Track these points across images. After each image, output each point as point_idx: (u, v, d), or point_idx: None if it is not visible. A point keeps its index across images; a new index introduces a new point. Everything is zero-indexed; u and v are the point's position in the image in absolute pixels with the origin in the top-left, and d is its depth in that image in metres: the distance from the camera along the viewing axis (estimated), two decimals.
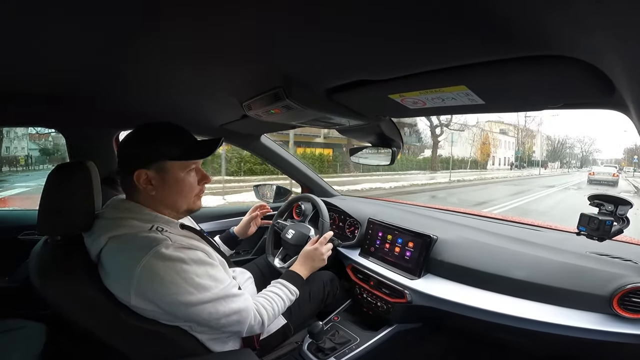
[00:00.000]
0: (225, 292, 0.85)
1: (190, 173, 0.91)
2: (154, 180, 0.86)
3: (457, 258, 1.19)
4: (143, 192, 0.87)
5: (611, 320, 0.89)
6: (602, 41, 0.42)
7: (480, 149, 34.90)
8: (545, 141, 52.27)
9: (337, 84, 0.81)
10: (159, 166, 0.86)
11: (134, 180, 0.85)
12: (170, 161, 0.87)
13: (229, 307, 0.85)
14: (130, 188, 0.89)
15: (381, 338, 1.25)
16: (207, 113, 1.36)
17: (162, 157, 0.86)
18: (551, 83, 0.60)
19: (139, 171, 0.85)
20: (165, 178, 0.87)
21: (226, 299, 0.85)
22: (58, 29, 0.58)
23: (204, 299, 0.81)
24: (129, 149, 0.88)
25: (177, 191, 0.90)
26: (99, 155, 1.30)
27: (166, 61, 0.76)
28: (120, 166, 0.89)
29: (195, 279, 0.80)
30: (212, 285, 0.83)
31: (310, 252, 1.24)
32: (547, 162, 50.62)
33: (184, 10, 0.50)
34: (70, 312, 0.80)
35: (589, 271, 0.97)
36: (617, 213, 0.89)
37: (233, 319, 0.86)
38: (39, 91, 1.05)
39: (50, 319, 1.12)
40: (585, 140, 63.72)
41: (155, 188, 0.87)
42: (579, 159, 62.33)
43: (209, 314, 0.82)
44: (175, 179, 0.89)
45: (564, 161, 56.39)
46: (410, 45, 0.56)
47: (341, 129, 1.26)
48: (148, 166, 0.85)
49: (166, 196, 0.89)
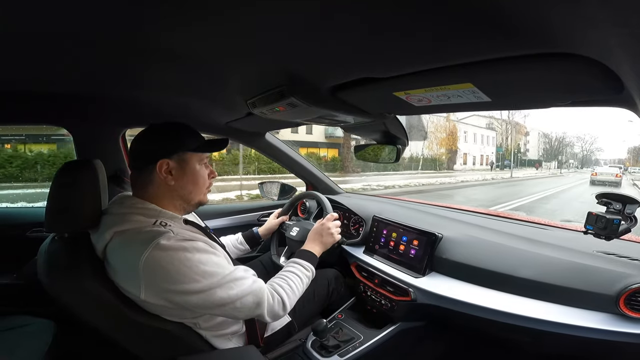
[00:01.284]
0: (233, 276, 0.85)
1: (203, 167, 0.96)
2: (174, 170, 0.90)
3: (462, 256, 1.18)
4: (161, 183, 0.89)
5: (617, 320, 0.88)
6: (610, 38, 0.41)
7: (441, 143, 27.26)
8: (542, 138, 49.24)
9: (342, 82, 0.81)
10: (180, 157, 0.91)
11: (156, 170, 0.88)
12: (190, 152, 0.92)
13: (240, 289, 0.85)
14: (144, 182, 0.90)
15: (385, 336, 1.25)
16: (212, 111, 1.37)
17: (183, 147, 0.91)
18: (559, 81, 0.59)
19: (162, 161, 0.88)
20: (184, 168, 0.92)
21: (235, 282, 0.85)
22: (67, 29, 0.59)
23: (213, 284, 0.81)
24: (148, 143, 0.91)
25: (193, 182, 0.94)
26: (105, 153, 1.31)
27: (171, 60, 0.76)
28: (137, 160, 0.91)
29: (201, 266, 0.80)
30: (218, 271, 0.83)
31: (318, 228, 1.26)
32: (541, 161, 46.39)
33: (188, 10, 0.50)
34: (77, 309, 0.81)
35: (596, 270, 0.96)
36: (625, 212, 0.87)
37: (249, 300, 0.87)
38: (48, 90, 1.06)
39: (58, 316, 1.14)
40: (586, 139, 60.50)
41: (174, 178, 0.90)
42: (579, 158, 59.38)
43: (220, 298, 0.82)
44: (193, 170, 0.93)
45: (562, 161, 52.10)
46: (416, 43, 0.55)
47: (346, 126, 1.25)
48: (170, 156, 0.89)
49: (183, 186, 0.92)
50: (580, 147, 58.88)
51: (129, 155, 0.94)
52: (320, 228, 1.26)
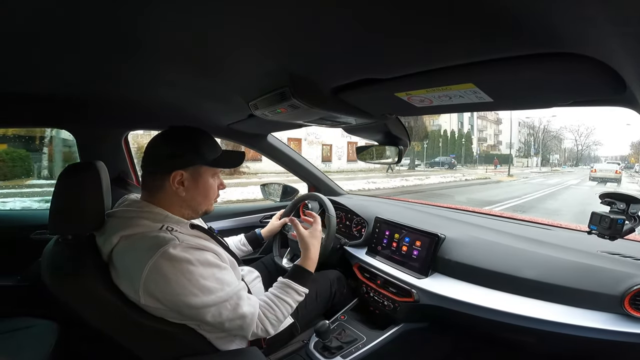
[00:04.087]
0: (230, 296, 0.84)
1: (215, 178, 0.96)
2: (187, 181, 0.89)
3: (465, 257, 1.18)
4: (172, 192, 0.88)
5: (622, 320, 0.87)
6: (612, 38, 0.41)
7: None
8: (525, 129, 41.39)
9: (344, 83, 0.81)
10: (195, 169, 0.90)
11: (169, 180, 0.87)
12: (205, 166, 0.91)
13: (233, 311, 0.85)
14: (155, 187, 0.90)
15: (388, 337, 1.24)
16: (214, 113, 1.37)
17: (200, 161, 0.90)
18: (561, 81, 0.59)
19: (176, 172, 0.87)
20: (198, 181, 0.91)
21: (231, 303, 0.84)
22: (67, 29, 0.59)
23: (208, 302, 0.81)
24: (165, 150, 0.89)
25: (204, 194, 0.93)
26: (108, 156, 1.31)
27: (174, 62, 0.77)
28: (151, 166, 0.90)
29: (201, 280, 0.80)
30: (217, 287, 0.82)
31: (304, 239, 1.14)
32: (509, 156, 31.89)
33: (190, 11, 0.50)
34: (81, 311, 0.81)
35: (600, 270, 0.95)
36: (629, 212, 0.87)
37: (236, 324, 0.86)
38: (49, 92, 1.07)
39: (61, 318, 1.14)
40: (581, 130, 50.05)
41: (186, 189, 0.89)
42: (572, 153, 50.95)
43: (212, 316, 0.82)
44: (205, 183, 0.93)
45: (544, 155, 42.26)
46: (417, 43, 0.55)
47: (348, 127, 1.25)
48: (186, 168, 0.88)
49: (193, 198, 0.91)
50: (573, 141, 50.79)
51: (143, 156, 0.92)
52: (311, 237, 1.15)
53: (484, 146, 39.34)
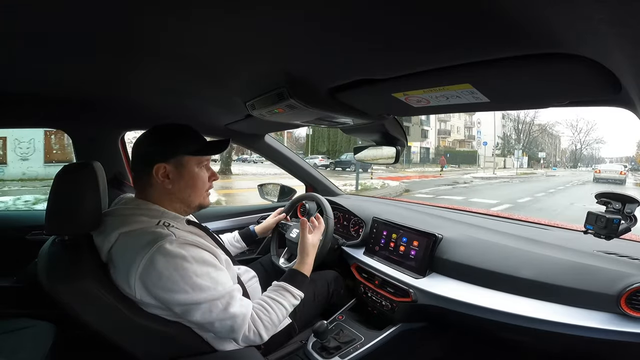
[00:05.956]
0: (222, 295, 0.84)
1: (203, 169, 0.96)
2: (171, 174, 0.90)
3: (463, 257, 1.18)
4: (159, 186, 0.90)
5: (619, 319, 0.88)
6: (607, 38, 0.41)
7: None
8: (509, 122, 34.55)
9: (341, 83, 0.81)
10: (177, 160, 0.90)
11: (153, 174, 0.88)
12: (187, 156, 0.91)
13: (224, 311, 0.84)
14: (144, 184, 0.91)
15: (386, 337, 1.25)
16: (211, 113, 1.37)
17: (180, 151, 0.90)
18: (558, 81, 0.59)
19: (158, 165, 0.88)
20: (182, 172, 0.91)
21: (222, 302, 0.84)
22: (64, 30, 0.59)
23: (198, 300, 0.81)
24: (146, 147, 0.91)
25: (192, 185, 0.93)
26: (104, 156, 1.31)
27: (170, 62, 0.76)
28: (136, 164, 0.92)
29: (193, 277, 0.80)
30: (210, 286, 0.82)
31: (306, 244, 1.16)
32: (463, 153, 29.00)
33: (187, 11, 0.50)
34: (78, 312, 0.81)
35: (596, 270, 0.95)
36: (624, 211, 0.87)
37: (227, 324, 0.85)
38: (47, 93, 1.06)
39: (58, 319, 1.13)
40: (580, 126, 44.16)
41: (171, 182, 0.90)
42: (572, 153, 45.23)
43: (201, 314, 0.82)
44: (190, 173, 0.93)
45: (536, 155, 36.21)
46: (414, 44, 0.55)
47: (345, 127, 1.25)
48: (167, 160, 0.89)
49: (181, 189, 0.92)
50: (571, 138, 44.41)
51: (131, 157, 0.94)
52: (309, 242, 1.16)
53: (447, 141, 34.66)
